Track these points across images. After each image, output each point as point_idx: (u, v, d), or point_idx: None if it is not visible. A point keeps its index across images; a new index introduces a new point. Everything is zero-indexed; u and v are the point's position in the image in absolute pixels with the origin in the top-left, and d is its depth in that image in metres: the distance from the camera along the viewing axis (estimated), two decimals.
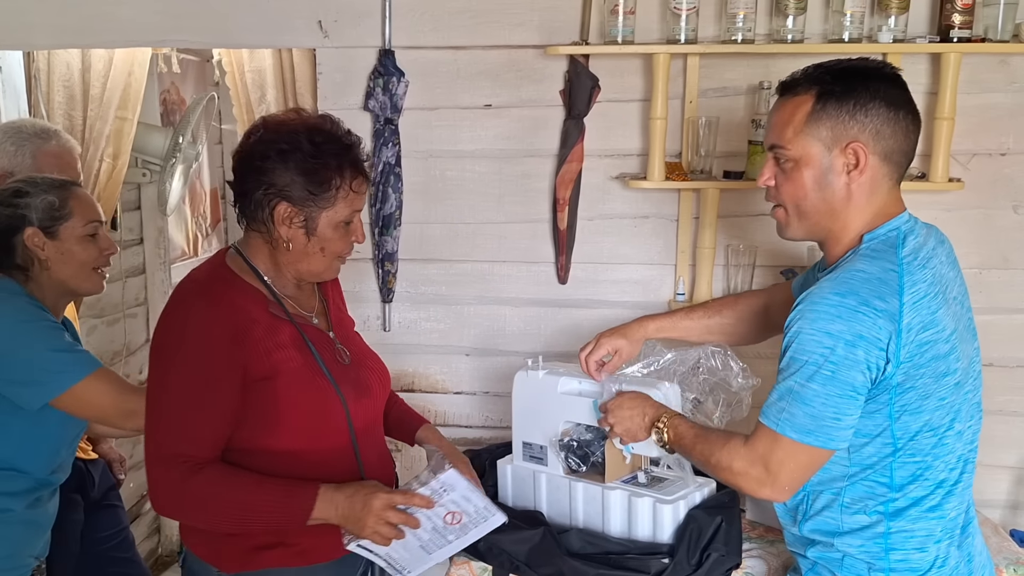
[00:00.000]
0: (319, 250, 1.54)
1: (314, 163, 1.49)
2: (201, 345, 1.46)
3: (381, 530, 1.47)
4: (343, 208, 1.53)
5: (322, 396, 1.54)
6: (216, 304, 1.49)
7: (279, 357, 1.51)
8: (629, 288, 2.42)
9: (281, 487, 1.47)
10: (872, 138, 1.40)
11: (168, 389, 1.47)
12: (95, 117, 2.68)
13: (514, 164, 2.41)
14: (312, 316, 1.63)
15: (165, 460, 1.45)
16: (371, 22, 2.37)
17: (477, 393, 2.55)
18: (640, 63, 2.29)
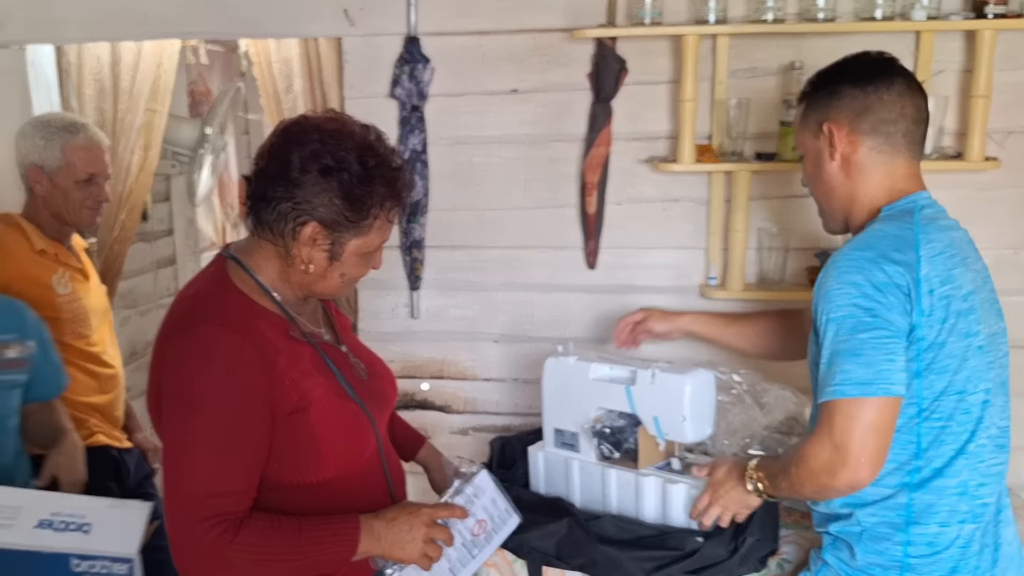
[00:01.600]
0: (338, 275, 1.43)
1: (360, 189, 1.36)
2: (234, 389, 1.31)
3: (430, 551, 1.40)
4: (375, 238, 1.42)
5: (353, 419, 1.45)
6: (245, 338, 1.33)
7: (307, 386, 1.38)
8: (659, 273, 2.40)
9: (324, 529, 1.35)
10: (846, 115, 1.50)
11: (198, 440, 1.30)
12: (126, 110, 2.71)
13: (541, 149, 2.39)
14: (323, 332, 1.53)
15: (201, 524, 1.26)
16: (396, 9, 2.36)
17: (506, 380, 2.55)
18: (668, 45, 2.26)
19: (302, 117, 1.43)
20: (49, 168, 2.19)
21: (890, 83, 1.50)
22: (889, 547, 1.46)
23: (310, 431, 1.38)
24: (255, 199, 1.40)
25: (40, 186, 2.20)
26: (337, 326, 1.60)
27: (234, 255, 1.44)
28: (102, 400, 2.32)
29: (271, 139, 1.41)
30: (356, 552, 1.36)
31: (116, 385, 2.39)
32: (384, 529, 1.38)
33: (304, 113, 1.47)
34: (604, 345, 1.99)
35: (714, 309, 2.34)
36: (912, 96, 1.51)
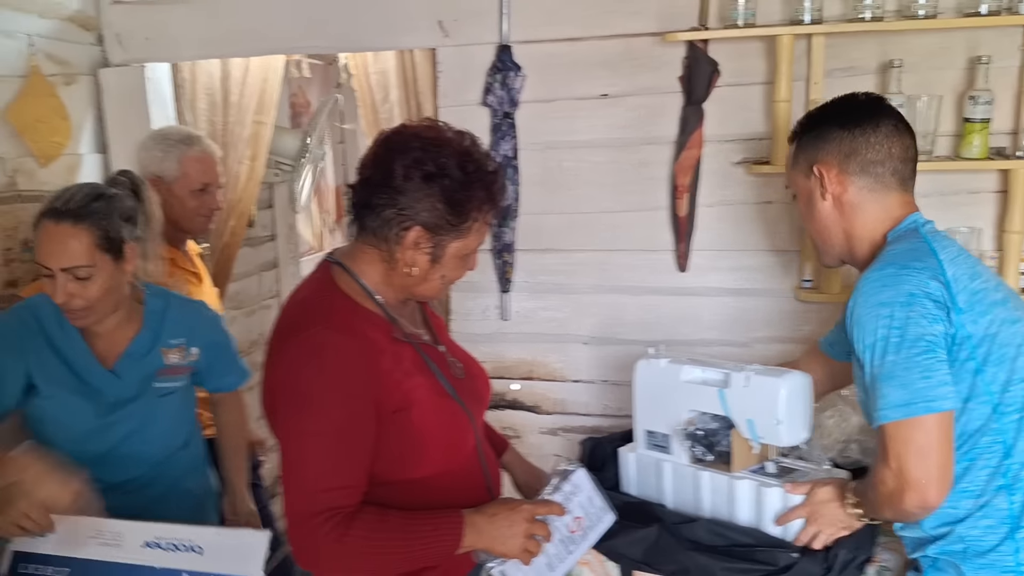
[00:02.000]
0: (439, 277, 1.47)
1: (462, 193, 1.40)
2: (344, 388, 1.36)
3: (530, 547, 1.42)
4: (474, 240, 1.47)
5: (453, 417, 1.49)
6: (352, 339, 1.38)
7: (409, 386, 1.43)
8: (752, 275, 2.38)
9: (430, 523, 1.40)
10: (834, 156, 1.54)
11: (312, 438, 1.36)
12: (234, 122, 2.85)
13: (631, 152, 2.41)
14: (422, 333, 1.57)
15: (316, 516, 1.33)
16: (489, 19, 2.42)
17: (595, 381, 2.57)
18: (762, 46, 2.25)
19: (402, 126, 1.49)
20: (167, 178, 2.33)
21: (876, 125, 1.53)
22: (998, 558, 1.41)
23: (413, 429, 1.42)
24: (359, 207, 1.45)
25: (159, 195, 2.34)
26: (434, 327, 1.65)
27: (339, 260, 1.49)
28: None
29: (373, 149, 1.46)
30: (460, 546, 1.40)
31: None
32: (486, 524, 1.41)
33: (403, 123, 1.53)
34: (696, 347, 1.99)
35: (809, 312, 2.32)
36: (899, 136, 1.54)
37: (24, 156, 2.25)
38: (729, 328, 2.39)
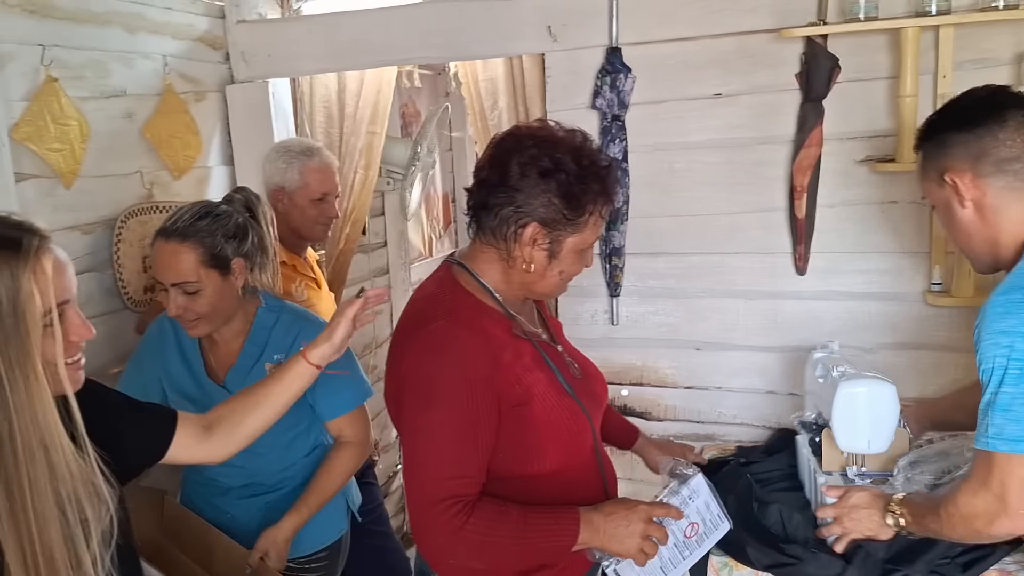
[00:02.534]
0: (557, 273, 1.49)
1: (577, 187, 1.42)
2: (467, 380, 1.38)
3: (646, 548, 1.42)
4: (590, 234, 1.48)
5: (572, 414, 1.50)
6: (474, 333, 1.41)
7: (529, 381, 1.45)
8: (876, 278, 2.29)
9: (547, 518, 1.40)
10: (964, 161, 1.45)
11: (435, 428, 1.38)
12: (349, 133, 2.94)
13: (746, 152, 2.35)
14: (540, 332, 1.59)
15: (438, 504, 1.35)
16: (598, 22, 2.41)
17: (709, 388, 2.52)
18: (885, 39, 2.16)
19: (515, 128, 1.52)
20: (289, 188, 2.43)
21: (1002, 120, 1.43)
22: None
23: (533, 424, 1.44)
24: (477, 208, 1.48)
25: (282, 204, 2.45)
26: (551, 328, 1.67)
27: (460, 261, 1.53)
28: None
29: (489, 151, 1.49)
30: (576, 543, 1.40)
31: None
32: (602, 522, 1.41)
33: (516, 124, 1.57)
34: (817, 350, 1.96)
35: (939, 317, 2.21)
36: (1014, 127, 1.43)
37: (159, 169, 2.39)
38: (852, 334, 2.31)
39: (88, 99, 2.13)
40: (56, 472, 0.97)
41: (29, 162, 1.95)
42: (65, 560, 0.97)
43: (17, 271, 0.95)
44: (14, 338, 0.94)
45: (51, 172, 2.01)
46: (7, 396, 0.93)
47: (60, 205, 2.04)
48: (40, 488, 0.95)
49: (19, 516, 0.93)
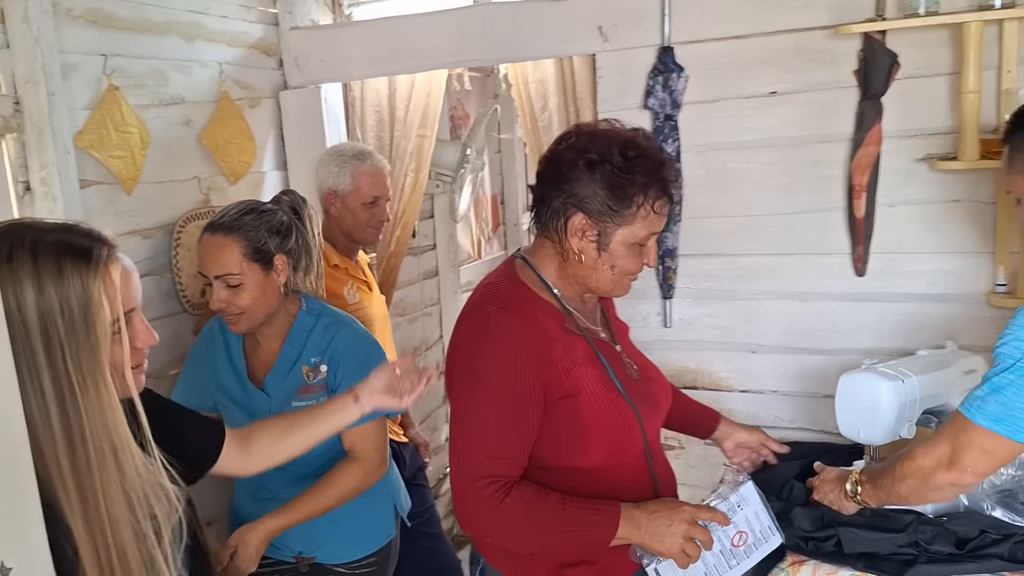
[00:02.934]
0: (609, 267, 1.49)
1: (621, 177, 1.43)
2: (512, 364, 1.41)
3: (689, 549, 1.41)
4: (640, 228, 1.46)
5: (620, 413, 1.50)
6: (525, 322, 1.45)
7: (578, 375, 1.46)
8: (938, 279, 2.23)
9: (587, 508, 1.41)
10: None
11: (481, 409, 1.43)
12: (400, 136, 2.97)
13: (803, 151, 2.31)
14: (599, 330, 1.60)
15: (478, 481, 1.39)
16: (650, 22, 2.39)
17: (764, 392, 2.48)
18: (946, 34, 2.11)
19: (575, 126, 1.55)
20: (342, 192, 2.46)
21: None
22: None
23: (578, 417, 1.46)
24: (535, 203, 1.53)
25: (334, 208, 2.47)
26: (614, 328, 1.68)
27: (523, 255, 1.58)
28: None
29: (549, 149, 1.53)
30: (615, 536, 1.41)
31: None
32: (645, 519, 1.41)
33: (577, 124, 1.60)
34: (878, 355, 1.90)
35: (1004, 319, 2.14)
36: None
37: (216, 175, 2.43)
38: (912, 336, 2.25)
39: (148, 107, 2.18)
40: (126, 474, 0.99)
41: (92, 169, 2.01)
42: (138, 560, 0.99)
43: (87, 281, 0.98)
44: (85, 346, 0.97)
45: (113, 178, 2.06)
46: (79, 402, 0.96)
47: (121, 211, 2.09)
48: (112, 490, 0.98)
49: (93, 518, 0.96)
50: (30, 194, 1.82)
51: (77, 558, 0.95)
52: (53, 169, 1.82)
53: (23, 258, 0.96)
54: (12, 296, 0.94)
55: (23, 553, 0.87)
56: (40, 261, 0.96)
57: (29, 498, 0.88)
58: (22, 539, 0.87)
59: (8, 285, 0.93)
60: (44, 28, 1.79)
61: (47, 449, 0.95)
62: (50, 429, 0.95)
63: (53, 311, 0.95)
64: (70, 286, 0.97)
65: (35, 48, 1.77)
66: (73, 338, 0.96)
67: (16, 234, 0.98)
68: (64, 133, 1.87)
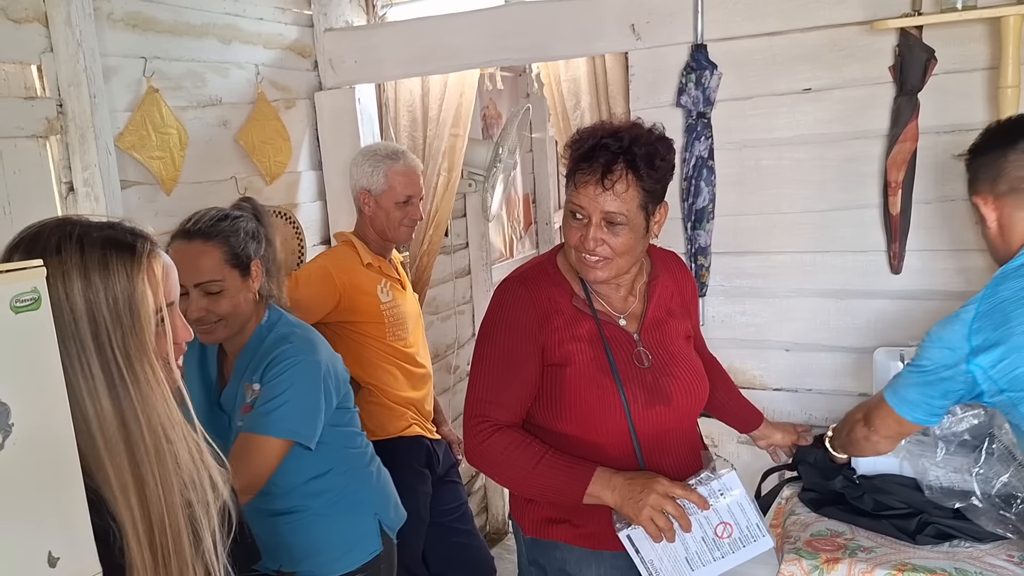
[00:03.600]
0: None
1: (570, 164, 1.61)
2: (511, 325, 1.61)
3: (657, 519, 1.46)
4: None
5: (602, 394, 1.59)
6: (530, 290, 1.63)
7: (570, 349, 1.61)
8: (976, 277, 2.19)
9: (563, 461, 1.55)
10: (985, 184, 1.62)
11: (484, 359, 1.64)
12: (433, 136, 2.99)
13: (837, 148, 2.29)
14: (620, 317, 1.66)
15: (472, 419, 1.60)
16: (683, 19, 2.39)
17: (799, 390, 2.46)
18: (984, 29, 2.08)
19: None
20: (375, 191, 2.48)
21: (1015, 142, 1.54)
22: None
23: (561, 385, 1.61)
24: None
25: (368, 207, 2.50)
26: (648, 321, 1.69)
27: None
28: (417, 395, 2.57)
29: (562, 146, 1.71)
30: (586, 492, 1.51)
31: (427, 383, 2.64)
32: (620, 482, 1.50)
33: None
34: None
35: None
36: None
37: (253, 175, 2.48)
38: None
39: (186, 108, 2.22)
40: (179, 457, 1.02)
41: (133, 170, 2.06)
42: (188, 542, 1.02)
43: (132, 273, 1.01)
44: (131, 334, 1.00)
45: (153, 179, 2.11)
46: (128, 387, 0.99)
47: (161, 211, 2.14)
48: (165, 474, 1.00)
49: (147, 502, 0.99)
50: (73, 194, 1.87)
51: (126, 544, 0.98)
52: (95, 170, 1.86)
53: (71, 251, 0.99)
54: (60, 287, 0.96)
55: (70, 542, 0.89)
56: (87, 254, 0.99)
57: (75, 489, 0.90)
58: (69, 529, 0.90)
59: (56, 277, 0.96)
60: (86, 32, 1.84)
61: (98, 435, 0.97)
62: (102, 414, 0.97)
63: (99, 300, 0.98)
64: (115, 278, 1.00)
65: (77, 51, 1.82)
66: (119, 326, 0.99)
67: (64, 229, 1.01)
68: (106, 134, 1.91)
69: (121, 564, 0.97)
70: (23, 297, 0.85)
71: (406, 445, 2.50)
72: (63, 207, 1.88)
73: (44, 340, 0.88)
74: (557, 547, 1.66)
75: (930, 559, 1.69)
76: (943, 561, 1.68)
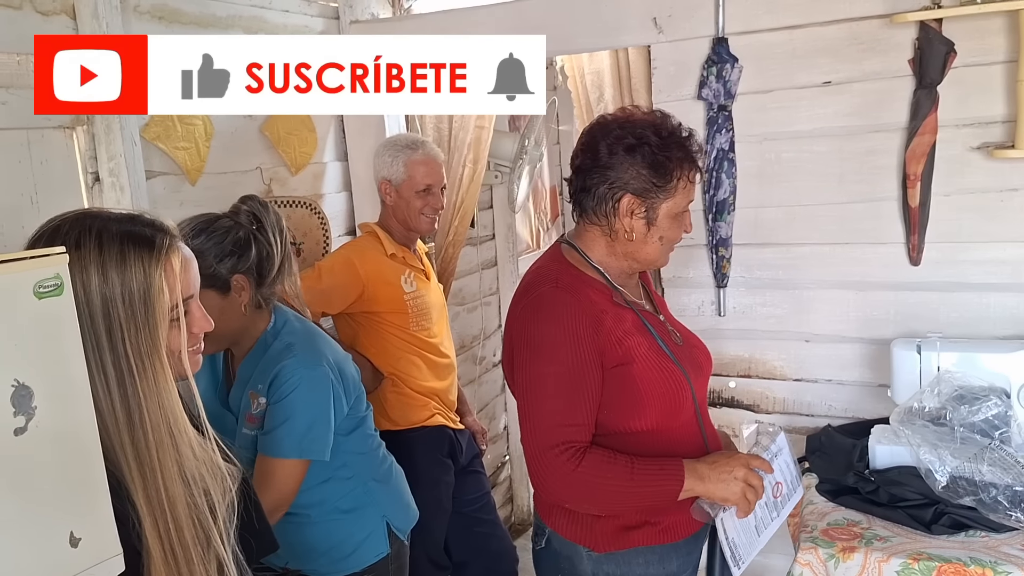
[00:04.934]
0: (657, 239, 1.59)
1: (661, 156, 1.53)
2: (570, 336, 1.51)
3: (748, 494, 1.48)
4: (681, 199, 1.58)
5: (672, 376, 1.59)
6: (576, 296, 1.55)
7: (630, 344, 1.55)
8: (996, 269, 2.18)
9: (653, 466, 1.50)
10: None
11: (546, 380, 1.51)
12: (458, 128, 3.02)
13: (857, 141, 2.29)
14: (644, 303, 1.69)
15: (553, 448, 1.48)
16: (704, 12, 2.40)
17: (819, 381, 2.47)
18: (1004, 21, 2.06)
19: (599, 117, 1.65)
20: (396, 181, 2.51)
21: None
22: None
23: (633, 383, 1.55)
24: (577, 192, 1.62)
25: (389, 197, 2.53)
26: (655, 301, 1.76)
27: (568, 240, 1.67)
28: (440, 385, 2.59)
29: (580, 141, 1.63)
30: (682, 488, 1.48)
31: (451, 373, 2.66)
32: (707, 469, 1.50)
33: (600, 115, 1.68)
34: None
35: None
36: None
37: (278, 166, 2.53)
38: (970, 326, 2.22)
39: None
40: (182, 452, 1.05)
41: (158, 160, 2.10)
42: (193, 535, 1.05)
43: (149, 268, 1.03)
44: (144, 330, 1.02)
45: (178, 169, 2.16)
46: (136, 383, 1.01)
47: (186, 201, 2.19)
48: (168, 467, 1.03)
49: (152, 494, 1.01)
50: (99, 184, 1.92)
51: (142, 529, 1.01)
52: (121, 160, 1.90)
53: (89, 246, 1.01)
54: (79, 282, 0.99)
55: (91, 524, 0.93)
56: (105, 249, 1.02)
57: (96, 472, 0.94)
58: (90, 511, 0.93)
59: (75, 272, 0.97)
60: (113, 24, 1.87)
61: (111, 427, 1.00)
62: (112, 407, 1.00)
63: (115, 296, 1.01)
64: (132, 273, 1.02)
65: None
66: (132, 322, 1.01)
67: (83, 223, 1.04)
68: (131, 125, 1.95)
69: (138, 548, 1.00)
70: (46, 283, 0.88)
71: (429, 435, 2.53)
72: (89, 197, 1.92)
73: (66, 325, 0.91)
74: (639, 553, 1.60)
75: (946, 548, 1.70)
76: (958, 550, 1.69)
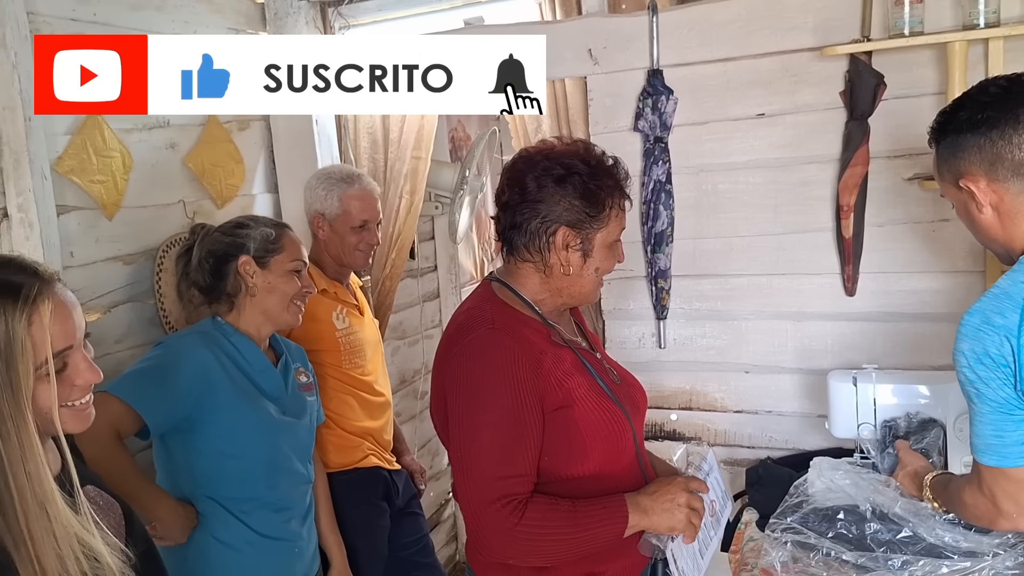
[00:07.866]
0: (593, 271, 1.55)
1: (592, 184, 1.49)
2: (510, 381, 1.42)
3: (693, 518, 1.45)
4: (615, 227, 1.54)
5: (613, 417, 1.53)
6: (514, 337, 1.46)
7: (571, 385, 1.49)
8: (930, 298, 2.20)
9: (596, 506, 1.43)
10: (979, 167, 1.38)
11: (484, 430, 1.42)
12: (394, 158, 2.96)
13: (791, 172, 2.30)
14: (580, 340, 1.64)
15: (493, 504, 1.38)
16: (639, 45, 2.40)
17: (759, 412, 2.46)
18: (932, 55, 2.09)
19: (522, 151, 1.60)
20: (330, 215, 2.43)
21: (1016, 120, 1.33)
22: None
23: (575, 426, 1.47)
24: (506, 230, 1.55)
25: (322, 231, 2.45)
26: (590, 339, 1.70)
27: (498, 278, 1.61)
28: (374, 425, 2.50)
29: (504, 177, 1.57)
30: (627, 525, 1.42)
31: (386, 411, 2.58)
32: (649, 502, 1.45)
33: (522, 148, 1.64)
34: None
35: None
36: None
37: (203, 199, 2.43)
38: (904, 355, 2.22)
39: (131, 131, 2.18)
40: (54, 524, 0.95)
41: (72, 194, 2.01)
42: None
43: (11, 321, 0.94)
44: (5, 390, 0.93)
45: (94, 204, 2.06)
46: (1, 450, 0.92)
47: (103, 236, 2.09)
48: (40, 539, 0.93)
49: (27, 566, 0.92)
50: (7, 220, 1.82)
51: None
52: (30, 195, 1.81)
53: None
54: None
55: None
56: None
57: None
58: None
59: None
60: (21, 54, 1.79)
61: None
62: None
63: None
64: None
65: (12, 74, 1.78)
66: None
67: None
68: (42, 159, 1.86)
69: None
70: None
71: (362, 477, 2.43)
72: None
73: None
74: None
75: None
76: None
